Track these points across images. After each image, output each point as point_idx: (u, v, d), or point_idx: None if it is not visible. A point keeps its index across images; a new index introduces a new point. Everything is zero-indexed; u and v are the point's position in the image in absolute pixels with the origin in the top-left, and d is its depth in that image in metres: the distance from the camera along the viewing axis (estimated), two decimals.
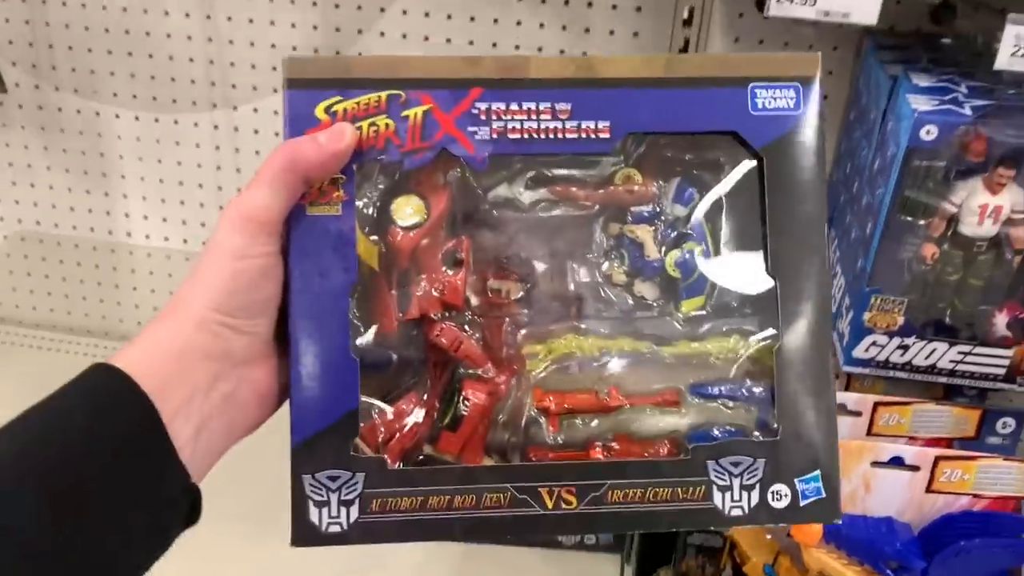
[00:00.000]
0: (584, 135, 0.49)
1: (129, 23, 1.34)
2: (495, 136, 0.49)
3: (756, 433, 0.53)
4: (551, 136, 0.49)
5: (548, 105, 0.48)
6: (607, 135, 0.49)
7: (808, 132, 0.50)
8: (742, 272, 0.52)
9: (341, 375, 0.49)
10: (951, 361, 0.97)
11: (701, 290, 0.54)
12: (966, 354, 0.96)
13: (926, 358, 0.97)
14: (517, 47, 1.27)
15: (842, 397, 1.02)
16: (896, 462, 0.94)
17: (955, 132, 0.86)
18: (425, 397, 0.53)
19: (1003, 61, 0.80)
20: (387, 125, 0.48)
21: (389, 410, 0.52)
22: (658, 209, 0.53)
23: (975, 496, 0.94)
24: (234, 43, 1.33)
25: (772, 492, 0.50)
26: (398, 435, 0.51)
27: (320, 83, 0.48)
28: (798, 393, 0.51)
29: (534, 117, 0.49)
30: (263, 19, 1.31)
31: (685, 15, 1.22)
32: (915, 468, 0.94)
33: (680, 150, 0.53)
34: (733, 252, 0.53)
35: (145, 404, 0.43)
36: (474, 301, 0.53)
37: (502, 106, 0.48)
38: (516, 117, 0.49)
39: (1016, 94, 0.88)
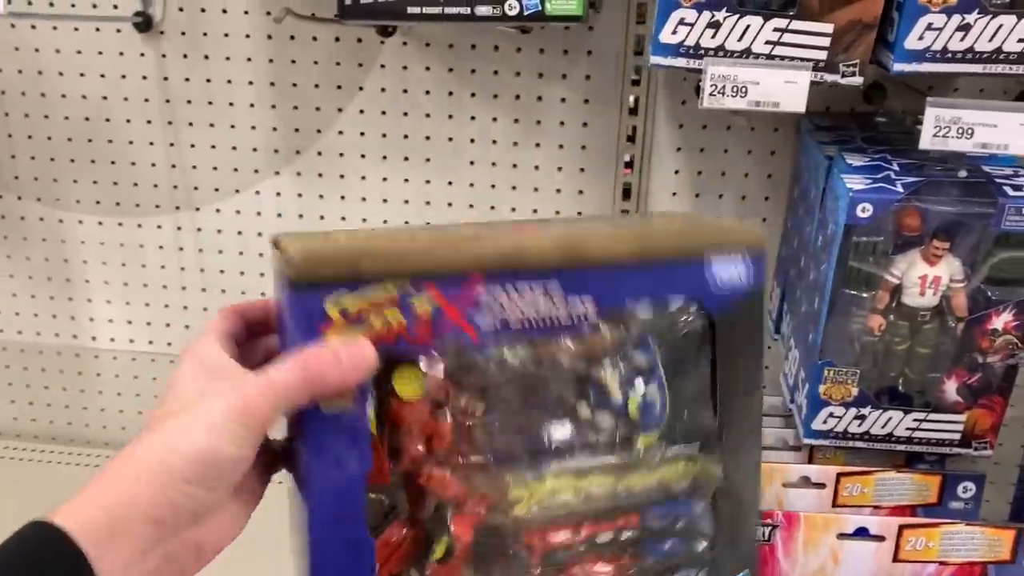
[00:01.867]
0: (574, 316, 0.52)
1: (92, 132, 1.36)
2: (498, 326, 0.51)
3: (699, 545, 0.60)
4: (547, 322, 0.52)
5: (541, 288, 0.51)
6: (593, 313, 0.53)
7: (755, 302, 0.57)
8: (693, 414, 0.59)
9: (357, 559, 0.50)
10: (907, 428, 0.99)
11: (657, 426, 0.58)
12: (921, 421, 0.98)
13: (883, 427, 0.99)
14: (472, 140, 1.31)
15: (806, 470, 1.03)
16: (861, 533, 0.95)
17: (889, 209, 0.90)
18: (406, 523, 0.54)
19: (926, 141, 0.85)
20: (399, 322, 0.48)
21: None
22: (623, 354, 0.57)
23: (941, 563, 0.95)
24: (196, 147, 1.36)
25: None
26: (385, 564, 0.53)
27: (327, 281, 0.47)
28: (734, 514, 0.59)
29: (531, 303, 0.51)
30: (224, 122, 1.34)
31: (631, 104, 1.28)
32: (880, 538, 0.95)
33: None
34: (686, 397, 0.59)
35: (81, 565, 0.42)
36: (456, 443, 0.54)
37: (503, 295, 0.50)
38: (516, 304, 0.51)
39: (943, 170, 0.92)
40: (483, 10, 0.91)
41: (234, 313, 0.54)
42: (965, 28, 0.83)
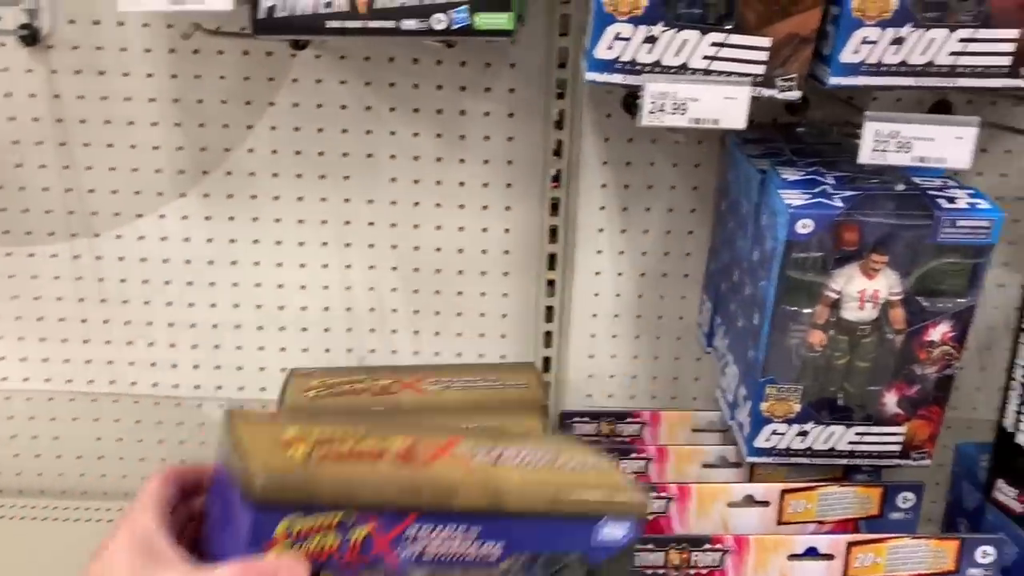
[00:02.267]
0: (481, 556, 0.58)
1: None
2: (416, 555, 0.56)
3: None
4: (457, 557, 0.58)
5: (464, 530, 0.57)
6: (498, 555, 0.59)
7: (627, 556, 0.63)
8: None
9: None
10: (849, 443, 0.98)
11: None
12: (862, 434, 0.98)
13: (825, 442, 0.98)
14: (393, 156, 1.26)
15: (750, 488, 1.02)
16: (811, 552, 0.94)
17: (829, 224, 0.89)
18: None
19: (865, 156, 0.84)
20: (334, 544, 0.53)
21: None
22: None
23: None
24: (93, 169, 1.26)
25: None
26: None
27: (285, 506, 0.52)
28: None
29: (450, 541, 0.57)
30: (123, 142, 1.25)
31: (556, 117, 1.24)
32: (830, 556, 0.94)
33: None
34: None
35: None
36: None
37: (429, 531, 0.56)
38: (437, 539, 0.57)
39: (879, 183, 0.92)
40: (409, 24, 0.86)
41: (172, 479, 0.56)
42: (899, 41, 0.82)
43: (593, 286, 1.34)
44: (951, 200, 0.90)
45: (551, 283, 1.33)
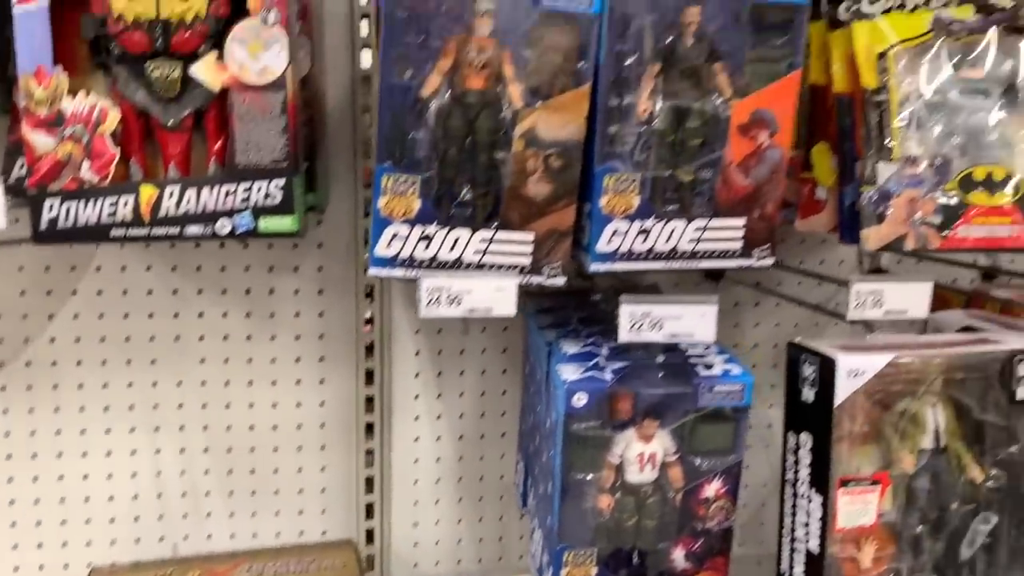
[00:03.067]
0: None
1: None
2: None
3: None
4: None
5: None
6: None
7: None
8: None
9: None
10: None
11: None
12: None
13: None
14: (202, 337, 1.27)
15: None
16: None
17: (602, 395, 0.96)
18: None
19: (624, 335, 0.93)
20: None
21: None
22: None
23: None
24: None
25: None
26: None
27: None
28: None
29: None
30: None
31: (367, 290, 1.29)
32: None
33: None
34: None
35: None
36: None
37: None
38: None
39: (645, 354, 1.00)
40: (193, 230, 0.90)
41: None
42: (645, 232, 0.93)
43: (412, 452, 1.36)
44: (708, 367, 0.99)
45: (370, 453, 1.35)
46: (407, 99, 0.87)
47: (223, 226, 0.90)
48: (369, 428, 1.34)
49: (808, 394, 0.97)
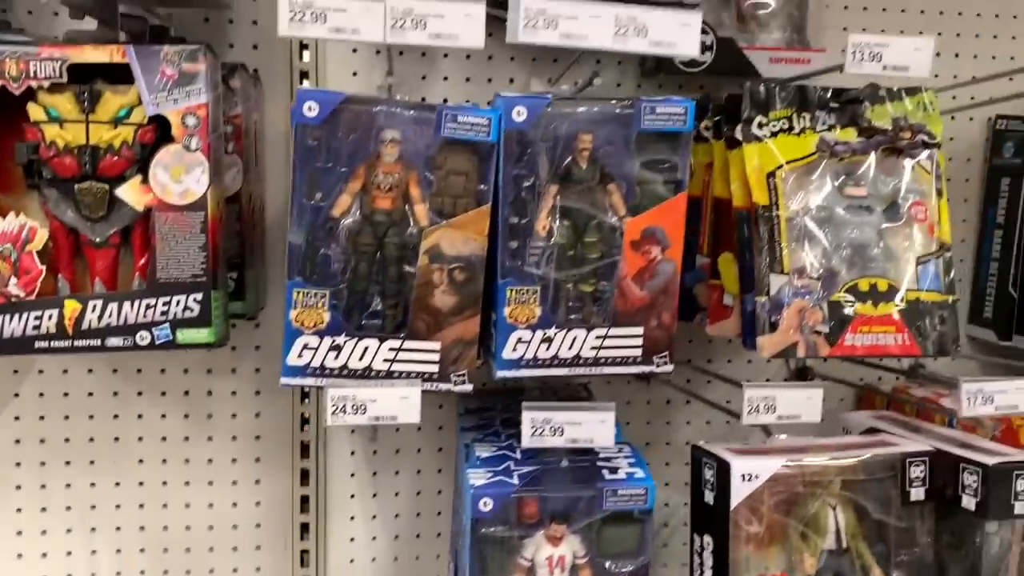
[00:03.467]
0: None
1: None
2: None
3: None
4: None
5: None
6: None
7: None
8: None
9: None
10: None
11: None
12: None
13: None
14: (140, 438, 1.29)
15: None
16: None
17: (508, 499, 0.99)
18: None
19: (526, 440, 0.96)
20: None
21: None
22: None
23: None
24: None
25: None
26: None
27: None
28: None
29: None
30: None
31: (302, 392, 1.33)
32: None
33: None
34: None
35: None
36: None
37: None
38: None
39: (555, 458, 1.04)
40: (114, 342, 0.95)
41: None
42: (548, 340, 0.97)
43: (348, 552, 1.38)
44: (614, 471, 1.03)
45: (305, 553, 1.36)
46: (318, 219, 0.93)
47: (143, 338, 0.95)
48: (304, 528, 1.36)
49: (709, 496, 1.00)
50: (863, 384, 1.44)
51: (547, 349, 0.98)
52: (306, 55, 1.29)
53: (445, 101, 1.32)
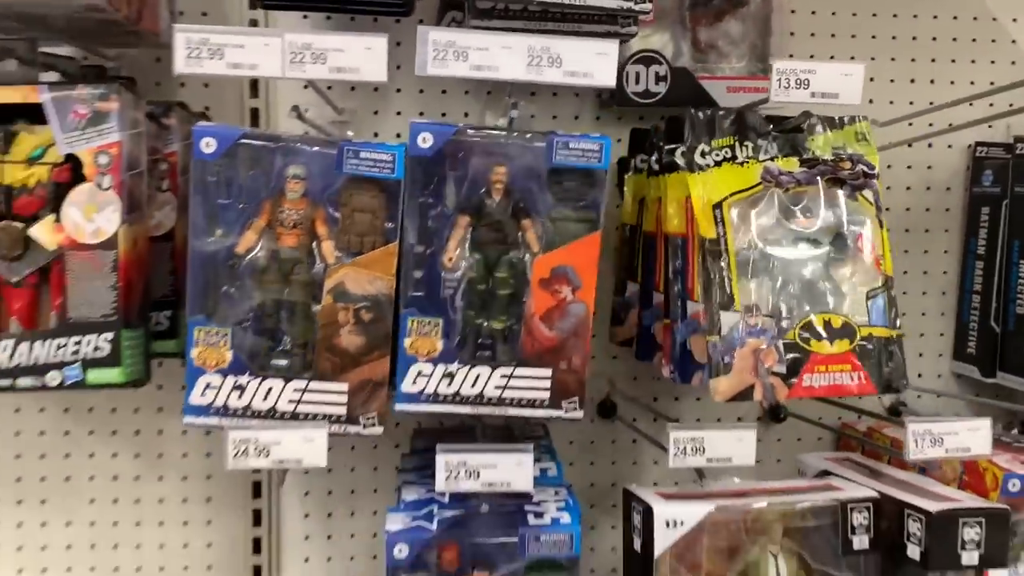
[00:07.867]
0: None
1: None
2: None
3: None
4: None
5: None
6: None
7: None
8: None
9: None
10: None
11: None
12: None
13: None
14: (92, 477, 1.29)
15: None
16: None
17: (425, 545, 0.95)
18: None
19: (440, 485, 0.92)
20: None
21: None
22: None
23: None
24: None
25: None
26: None
27: None
28: None
29: None
30: None
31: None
32: None
33: None
34: None
35: None
36: None
37: None
38: None
39: (478, 502, 1.00)
40: (25, 382, 0.94)
41: None
42: (450, 376, 0.94)
43: None
44: (539, 515, 0.98)
45: None
46: (219, 256, 0.92)
47: (53, 378, 0.94)
48: (257, 571, 1.33)
49: (636, 543, 0.95)
50: (831, 426, 1.38)
51: (448, 385, 0.94)
52: (261, 92, 1.30)
53: (398, 136, 1.31)
